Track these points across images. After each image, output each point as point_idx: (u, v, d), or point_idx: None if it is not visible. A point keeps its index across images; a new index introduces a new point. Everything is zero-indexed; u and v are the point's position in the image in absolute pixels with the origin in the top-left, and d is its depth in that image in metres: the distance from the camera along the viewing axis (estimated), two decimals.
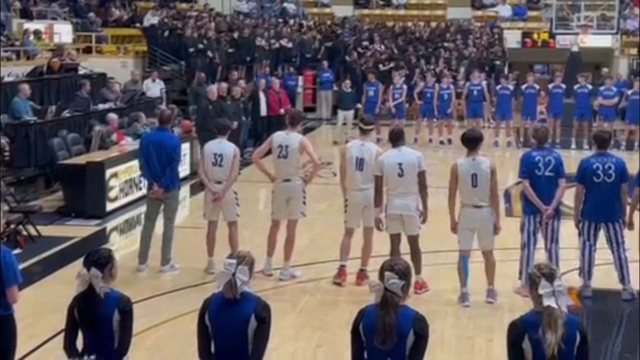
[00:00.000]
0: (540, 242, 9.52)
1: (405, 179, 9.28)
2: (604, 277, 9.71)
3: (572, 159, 15.21)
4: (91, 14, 25.39)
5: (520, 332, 4.54)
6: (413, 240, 9.49)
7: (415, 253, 9.46)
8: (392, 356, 4.53)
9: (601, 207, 9.33)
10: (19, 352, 6.20)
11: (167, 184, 10.42)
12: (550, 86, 21.92)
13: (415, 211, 9.36)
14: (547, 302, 4.46)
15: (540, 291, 4.49)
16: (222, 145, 10.24)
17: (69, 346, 5.07)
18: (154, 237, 10.67)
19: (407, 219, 9.36)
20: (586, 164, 9.47)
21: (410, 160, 9.31)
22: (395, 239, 9.50)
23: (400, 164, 9.28)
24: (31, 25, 22.09)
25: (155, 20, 26.17)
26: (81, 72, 20.02)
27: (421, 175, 9.33)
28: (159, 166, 10.34)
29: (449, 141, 21.46)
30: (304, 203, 10.18)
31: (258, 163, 10.48)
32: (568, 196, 10.17)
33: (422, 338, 4.60)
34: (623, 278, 9.43)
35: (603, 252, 9.58)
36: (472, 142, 9.25)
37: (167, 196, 10.47)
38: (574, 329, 4.59)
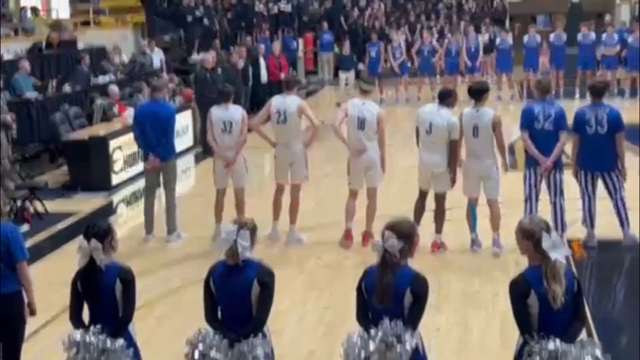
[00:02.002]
0: (546, 194, 9.55)
1: (432, 138, 9.31)
2: (610, 227, 9.72)
3: (575, 109, 15.16)
4: None
5: (525, 288, 4.54)
6: (439, 198, 9.53)
7: (440, 211, 9.53)
8: (389, 315, 4.56)
9: (595, 157, 9.36)
10: (30, 326, 6.28)
11: (164, 154, 10.41)
12: (551, 37, 21.79)
13: (446, 169, 9.39)
14: (553, 255, 4.48)
15: (545, 245, 4.50)
16: (230, 112, 10.20)
17: (75, 318, 5.13)
18: (160, 207, 10.72)
19: (437, 174, 9.39)
20: (580, 115, 9.51)
21: (442, 123, 9.29)
22: (422, 195, 9.56)
23: (430, 123, 9.32)
24: (28, 2, 22.02)
25: None
26: (80, 45, 19.97)
27: (452, 144, 9.32)
28: (154, 136, 10.32)
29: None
30: (307, 167, 10.20)
31: (258, 129, 10.45)
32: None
33: (419, 298, 4.61)
34: (622, 223, 9.45)
35: (609, 202, 9.59)
36: (476, 93, 9.38)
37: (164, 166, 10.47)
38: (572, 279, 4.63)
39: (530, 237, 4.60)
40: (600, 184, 9.50)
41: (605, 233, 9.67)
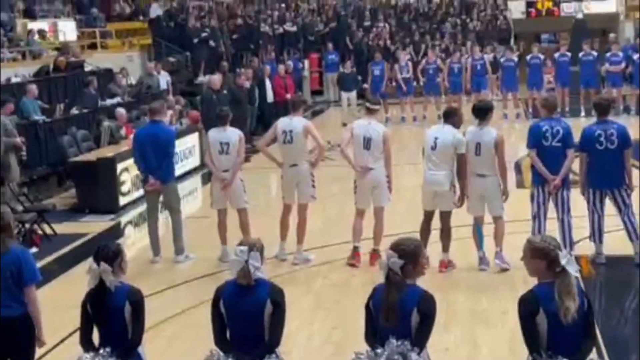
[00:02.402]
0: (553, 212, 9.56)
1: (437, 154, 9.33)
2: (618, 244, 9.71)
3: (581, 127, 15.17)
4: (94, 10, 25.43)
5: (534, 306, 4.54)
6: (444, 216, 9.56)
7: (446, 230, 9.55)
8: (396, 334, 4.55)
9: (605, 174, 9.35)
10: (39, 349, 6.28)
11: (164, 177, 10.47)
12: (556, 55, 21.88)
13: (450, 187, 9.41)
14: (570, 269, 4.49)
15: (563, 261, 4.50)
16: (227, 133, 10.28)
17: (85, 341, 5.14)
18: (166, 229, 10.76)
19: (441, 194, 9.41)
20: (588, 132, 9.48)
21: (448, 137, 9.33)
22: (427, 215, 9.58)
23: (436, 138, 9.35)
24: (35, 25, 22.15)
25: (159, 11, 26.19)
26: (87, 68, 20.08)
27: (459, 158, 9.35)
28: (154, 159, 10.38)
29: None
30: (314, 186, 10.23)
31: (264, 150, 10.51)
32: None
33: (427, 317, 4.62)
34: (633, 239, 9.43)
35: (616, 219, 9.59)
36: (480, 112, 9.41)
37: (165, 188, 10.54)
38: (582, 297, 4.62)
39: (543, 256, 4.59)
40: (607, 200, 9.50)
41: (612, 250, 9.66)
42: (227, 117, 10.44)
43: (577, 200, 9.75)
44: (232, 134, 10.29)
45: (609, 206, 9.53)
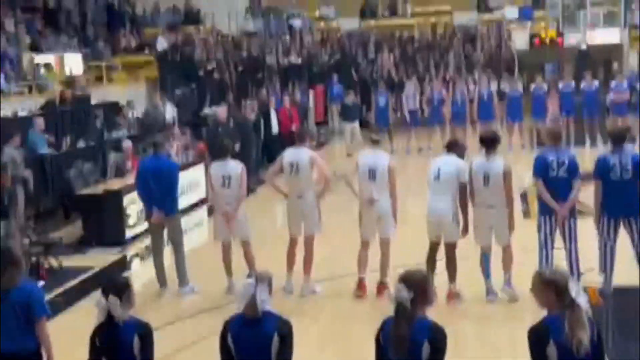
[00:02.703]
0: (560, 242, 9.53)
1: (440, 183, 9.32)
2: (625, 274, 9.67)
3: (587, 157, 15.17)
4: (100, 43, 25.58)
5: (544, 336, 4.53)
6: (448, 247, 9.53)
7: (450, 261, 9.52)
8: None
9: (620, 203, 9.30)
10: None
11: (167, 209, 10.51)
12: (560, 85, 21.94)
13: (453, 217, 9.39)
14: (581, 301, 4.47)
15: (573, 292, 4.49)
16: (229, 166, 10.31)
17: None
18: (172, 261, 10.76)
19: (444, 223, 9.39)
20: (603, 161, 9.47)
21: (451, 167, 9.36)
22: (432, 246, 9.55)
23: (439, 168, 9.39)
24: (41, 58, 22.27)
25: (166, 44, 26.34)
26: (93, 101, 20.17)
27: (461, 188, 9.36)
28: (157, 192, 10.42)
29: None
30: (320, 218, 10.23)
31: (271, 182, 10.56)
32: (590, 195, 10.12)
33: (438, 350, 4.60)
34: None
35: (622, 249, 9.55)
36: (488, 142, 9.40)
37: (168, 220, 10.57)
38: (592, 328, 4.59)
39: (552, 287, 4.59)
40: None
41: (619, 280, 9.61)
42: (228, 150, 10.49)
43: (584, 230, 9.73)
44: (234, 167, 10.32)
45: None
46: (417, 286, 4.65)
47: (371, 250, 10.04)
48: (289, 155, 10.22)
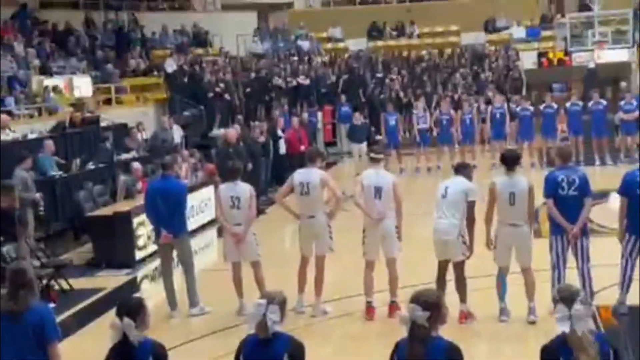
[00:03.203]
0: (572, 262, 9.48)
1: (447, 201, 9.30)
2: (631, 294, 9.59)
3: (597, 176, 15.16)
4: (109, 66, 25.71)
5: (555, 355, 4.52)
6: (456, 267, 9.49)
7: (459, 280, 9.46)
8: None
9: None
10: None
11: (176, 230, 10.51)
12: (567, 104, 21.93)
13: (458, 236, 9.36)
14: (561, 326, 4.47)
15: (555, 315, 4.50)
16: (238, 188, 10.30)
17: None
18: (183, 282, 10.74)
19: (449, 242, 9.36)
20: (629, 177, 9.37)
21: (459, 186, 9.36)
22: (441, 266, 9.51)
23: (447, 187, 9.38)
24: (50, 81, 22.37)
25: (175, 66, 26.45)
26: (103, 123, 20.24)
27: (469, 206, 9.34)
28: (166, 213, 10.43)
29: (473, 166, 21.57)
30: (331, 238, 10.22)
31: (282, 203, 10.54)
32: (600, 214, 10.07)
33: None
34: None
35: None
36: (510, 160, 9.36)
37: (177, 241, 10.57)
38: (606, 346, 4.57)
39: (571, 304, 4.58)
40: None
41: (633, 299, 9.53)
42: (238, 172, 10.48)
43: (597, 250, 9.67)
44: (243, 189, 10.31)
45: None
46: (432, 305, 4.63)
47: (380, 270, 9.99)
48: (300, 175, 10.22)
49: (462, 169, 9.74)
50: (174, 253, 10.81)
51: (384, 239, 9.79)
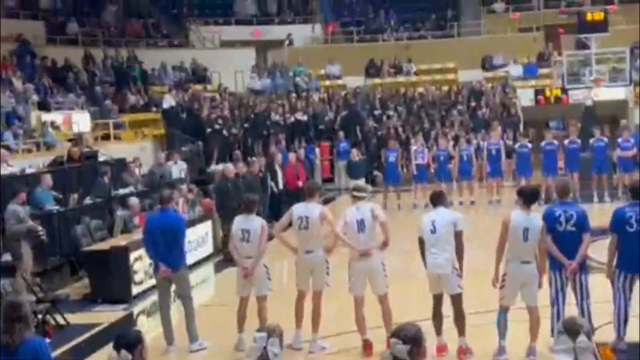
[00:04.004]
0: (572, 298, 9.44)
1: (437, 236, 9.26)
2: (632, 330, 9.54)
3: (595, 213, 15.13)
4: (107, 102, 25.80)
5: None
6: (454, 300, 9.42)
7: (458, 314, 9.40)
8: None
9: (636, 258, 9.18)
10: None
11: (174, 264, 10.47)
12: (566, 142, 21.98)
13: (452, 270, 9.31)
14: (562, 359, 4.43)
15: (556, 347, 4.47)
16: (250, 221, 10.29)
17: None
18: (180, 317, 10.68)
19: (444, 277, 9.32)
20: (619, 214, 9.39)
21: (445, 218, 9.31)
22: (436, 300, 9.44)
23: (433, 221, 9.32)
24: (49, 117, 22.44)
25: (173, 102, 26.56)
26: (101, 158, 20.26)
27: (457, 236, 9.31)
28: (164, 246, 10.40)
29: (471, 202, 21.68)
30: (328, 273, 10.18)
31: (280, 237, 10.49)
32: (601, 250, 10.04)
33: None
34: None
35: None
36: (529, 196, 9.33)
37: (176, 276, 10.53)
38: None
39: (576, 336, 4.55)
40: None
41: (632, 337, 9.48)
42: (253, 205, 10.49)
43: (596, 286, 9.63)
44: (255, 222, 10.30)
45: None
46: (412, 339, 4.62)
47: (376, 305, 9.92)
48: (299, 209, 10.21)
49: (440, 199, 9.71)
50: (172, 287, 10.75)
51: (371, 276, 9.77)
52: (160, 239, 10.44)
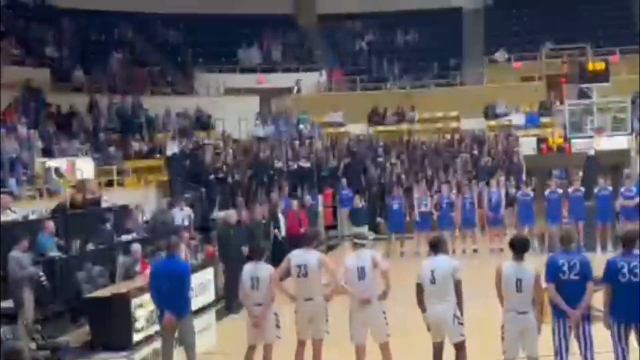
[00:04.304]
0: (575, 347, 9.37)
1: (437, 286, 9.22)
2: None
3: (599, 262, 15.01)
4: (111, 148, 25.90)
5: None
6: (457, 348, 9.35)
7: None
8: None
9: (630, 307, 9.15)
10: None
11: (179, 311, 10.40)
12: (569, 190, 21.98)
13: (454, 318, 9.25)
14: None
15: None
16: (259, 269, 10.28)
17: None
18: None
19: (445, 326, 9.26)
20: (612, 264, 9.37)
21: (444, 267, 9.28)
22: (436, 348, 9.37)
23: (432, 271, 9.25)
24: (53, 163, 22.50)
25: (176, 149, 26.66)
26: (104, 205, 20.27)
27: (456, 285, 9.28)
28: (170, 293, 10.34)
29: (474, 250, 21.64)
30: (327, 321, 10.12)
31: (277, 285, 10.39)
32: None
33: None
34: None
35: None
36: (520, 247, 9.28)
37: (181, 323, 10.44)
38: None
39: None
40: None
41: None
42: (261, 252, 10.52)
43: (600, 336, 9.56)
44: (264, 270, 10.29)
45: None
46: None
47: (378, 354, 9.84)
48: (297, 257, 10.17)
49: (439, 246, 9.66)
50: (176, 334, 10.66)
51: (372, 324, 9.73)
52: (166, 286, 10.35)
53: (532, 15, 39.70)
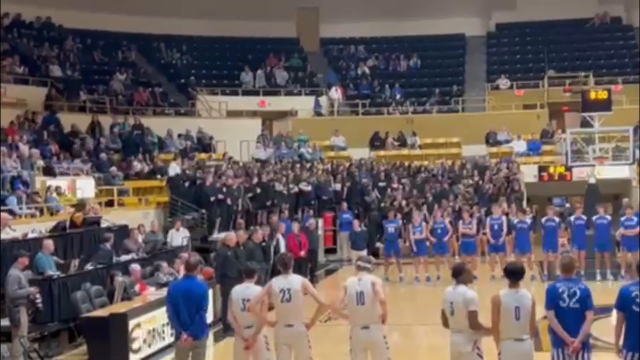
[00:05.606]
0: None
1: (455, 318, 9.20)
2: None
3: (598, 291, 14.97)
4: (113, 168, 25.91)
5: None
6: None
7: None
8: None
9: None
10: None
11: (197, 332, 10.29)
12: (571, 218, 21.98)
13: (474, 349, 9.17)
14: None
15: None
16: (249, 290, 10.18)
17: None
18: None
19: (465, 355, 9.20)
20: (625, 292, 9.28)
21: (460, 301, 9.25)
22: None
23: (451, 303, 9.23)
24: (54, 182, 22.50)
25: (178, 170, 26.68)
26: (104, 224, 20.25)
27: (470, 316, 9.23)
28: (187, 314, 10.24)
29: (474, 277, 21.50)
30: (309, 347, 10.00)
31: (254, 311, 10.10)
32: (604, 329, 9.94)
33: None
34: None
35: None
36: (514, 274, 9.22)
37: (197, 344, 10.35)
38: None
39: None
40: None
41: None
42: (254, 273, 10.41)
43: None
44: (254, 292, 10.16)
45: None
46: None
47: None
48: (279, 282, 9.97)
49: (462, 275, 9.56)
50: (190, 355, 10.54)
51: (372, 349, 9.63)
52: (183, 307, 10.23)
53: (535, 43, 39.87)
